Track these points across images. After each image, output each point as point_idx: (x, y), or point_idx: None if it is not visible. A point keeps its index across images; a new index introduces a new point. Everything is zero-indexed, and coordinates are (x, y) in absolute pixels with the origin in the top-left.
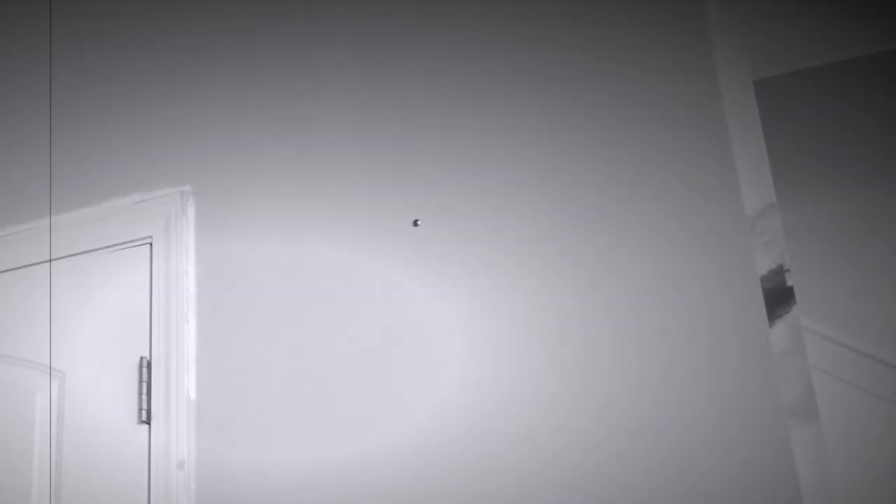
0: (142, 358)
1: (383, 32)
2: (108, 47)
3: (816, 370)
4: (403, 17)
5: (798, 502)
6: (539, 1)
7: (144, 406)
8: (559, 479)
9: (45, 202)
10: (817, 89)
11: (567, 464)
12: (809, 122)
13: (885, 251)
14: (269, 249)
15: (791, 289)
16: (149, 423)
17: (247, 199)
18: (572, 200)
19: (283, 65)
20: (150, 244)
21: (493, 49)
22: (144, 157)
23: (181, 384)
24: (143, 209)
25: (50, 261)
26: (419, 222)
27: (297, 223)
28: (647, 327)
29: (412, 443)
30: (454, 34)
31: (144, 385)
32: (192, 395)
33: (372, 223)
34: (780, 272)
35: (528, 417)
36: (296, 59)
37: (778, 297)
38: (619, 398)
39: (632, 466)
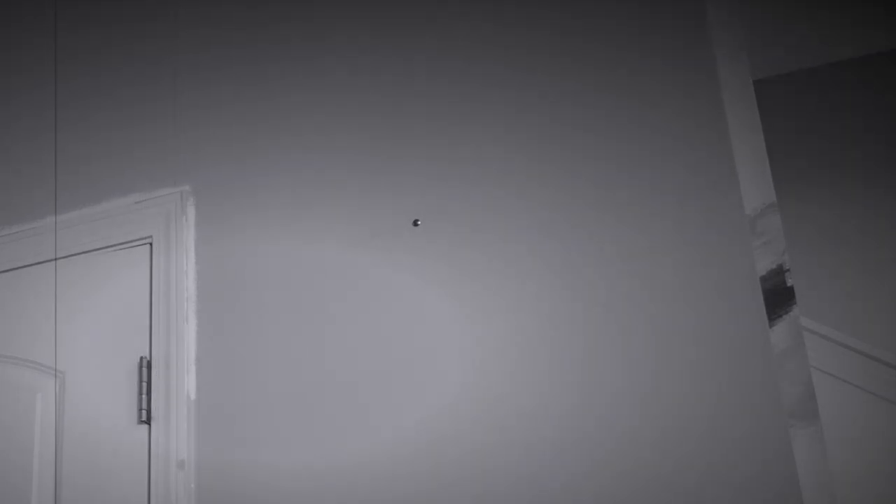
0: (142, 358)
1: (383, 32)
2: (110, 48)
3: (816, 370)
4: (404, 19)
5: (798, 502)
6: (538, 2)
7: (144, 406)
8: (560, 478)
9: (45, 202)
10: (817, 89)
11: (568, 463)
12: (809, 122)
13: (885, 251)
14: (270, 249)
15: (791, 289)
16: (149, 423)
17: (247, 199)
18: (572, 200)
19: (282, 65)
20: (150, 244)
21: (492, 48)
22: (144, 157)
23: (181, 384)
24: (143, 209)
25: (55, 259)
26: (419, 222)
27: (297, 223)
28: (648, 327)
29: (412, 443)
30: (453, 32)
31: (144, 385)
32: (192, 395)
33: (372, 223)
34: (780, 272)
35: (528, 417)
36: (296, 59)
37: (778, 297)
38: (620, 398)
39: (632, 466)
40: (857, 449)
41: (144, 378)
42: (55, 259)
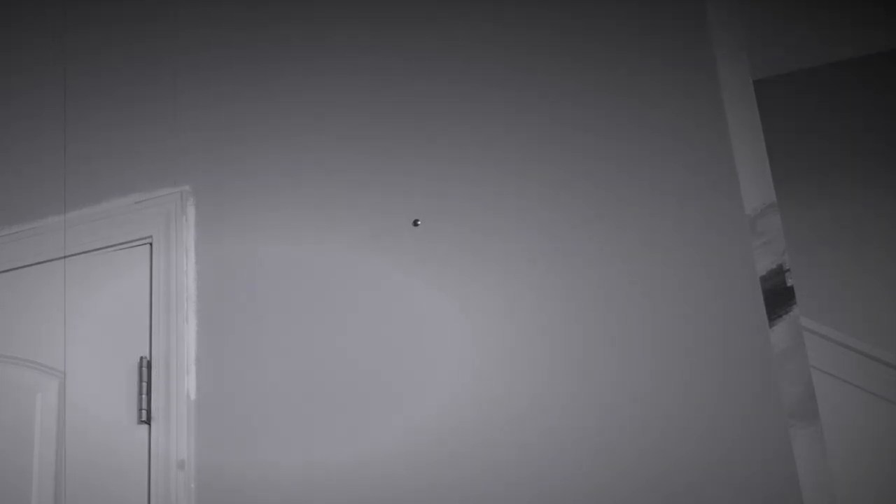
0: (142, 358)
1: (383, 32)
2: (110, 48)
3: (816, 370)
4: (405, 19)
5: (798, 502)
6: (538, 2)
7: (144, 406)
8: (560, 479)
9: (45, 202)
10: (817, 89)
11: (568, 462)
12: (809, 122)
13: (885, 251)
14: (270, 249)
15: (791, 289)
16: (149, 423)
17: (247, 199)
18: (572, 200)
19: (282, 65)
20: (150, 244)
21: (492, 48)
22: (144, 157)
23: (181, 384)
24: (143, 209)
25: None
26: (419, 222)
27: (298, 223)
28: (648, 327)
29: (412, 443)
30: (453, 32)
31: (144, 385)
32: (192, 395)
33: (372, 223)
34: (780, 272)
35: (528, 417)
36: (296, 59)
37: (778, 297)
38: (620, 398)
39: (632, 466)
40: (857, 449)
41: (144, 378)
42: (64, 257)
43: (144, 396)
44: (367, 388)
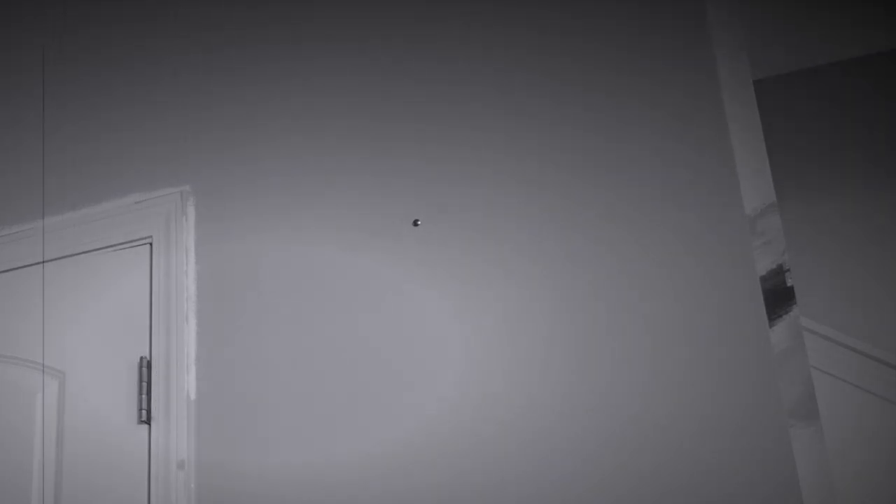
0: (142, 358)
1: (385, 33)
2: (109, 48)
3: (816, 370)
4: (405, 20)
5: (798, 502)
6: (538, 2)
7: (144, 406)
8: (559, 478)
9: (46, 202)
10: (817, 89)
11: (567, 463)
12: (809, 122)
13: (884, 251)
14: (269, 249)
15: (791, 289)
16: (149, 423)
17: (247, 198)
18: (572, 200)
19: (282, 64)
20: (150, 244)
21: (493, 48)
22: (144, 157)
23: (181, 384)
24: (143, 209)
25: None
26: (419, 222)
27: (297, 223)
28: (647, 327)
29: (413, 443)
30: (454, 33)
31: (144, 385)
32: (192, 395)
33: (372, 223)
34: (780, 272)
35: (528, 417)
36: (296, 60)
37: (778, 297)
38: (619, 398)
39: (631, 466)
40: (857, 449)
41: (144, 378)
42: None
43: (144, 396)
44: (367, 387)
